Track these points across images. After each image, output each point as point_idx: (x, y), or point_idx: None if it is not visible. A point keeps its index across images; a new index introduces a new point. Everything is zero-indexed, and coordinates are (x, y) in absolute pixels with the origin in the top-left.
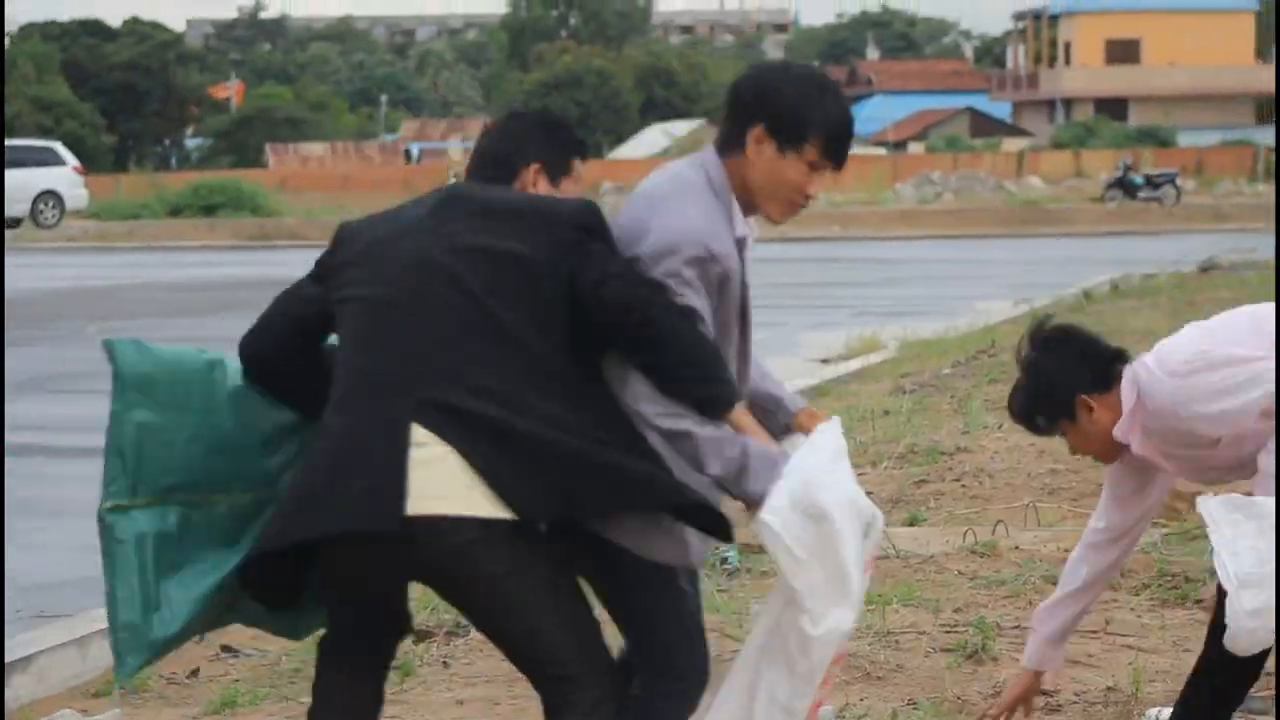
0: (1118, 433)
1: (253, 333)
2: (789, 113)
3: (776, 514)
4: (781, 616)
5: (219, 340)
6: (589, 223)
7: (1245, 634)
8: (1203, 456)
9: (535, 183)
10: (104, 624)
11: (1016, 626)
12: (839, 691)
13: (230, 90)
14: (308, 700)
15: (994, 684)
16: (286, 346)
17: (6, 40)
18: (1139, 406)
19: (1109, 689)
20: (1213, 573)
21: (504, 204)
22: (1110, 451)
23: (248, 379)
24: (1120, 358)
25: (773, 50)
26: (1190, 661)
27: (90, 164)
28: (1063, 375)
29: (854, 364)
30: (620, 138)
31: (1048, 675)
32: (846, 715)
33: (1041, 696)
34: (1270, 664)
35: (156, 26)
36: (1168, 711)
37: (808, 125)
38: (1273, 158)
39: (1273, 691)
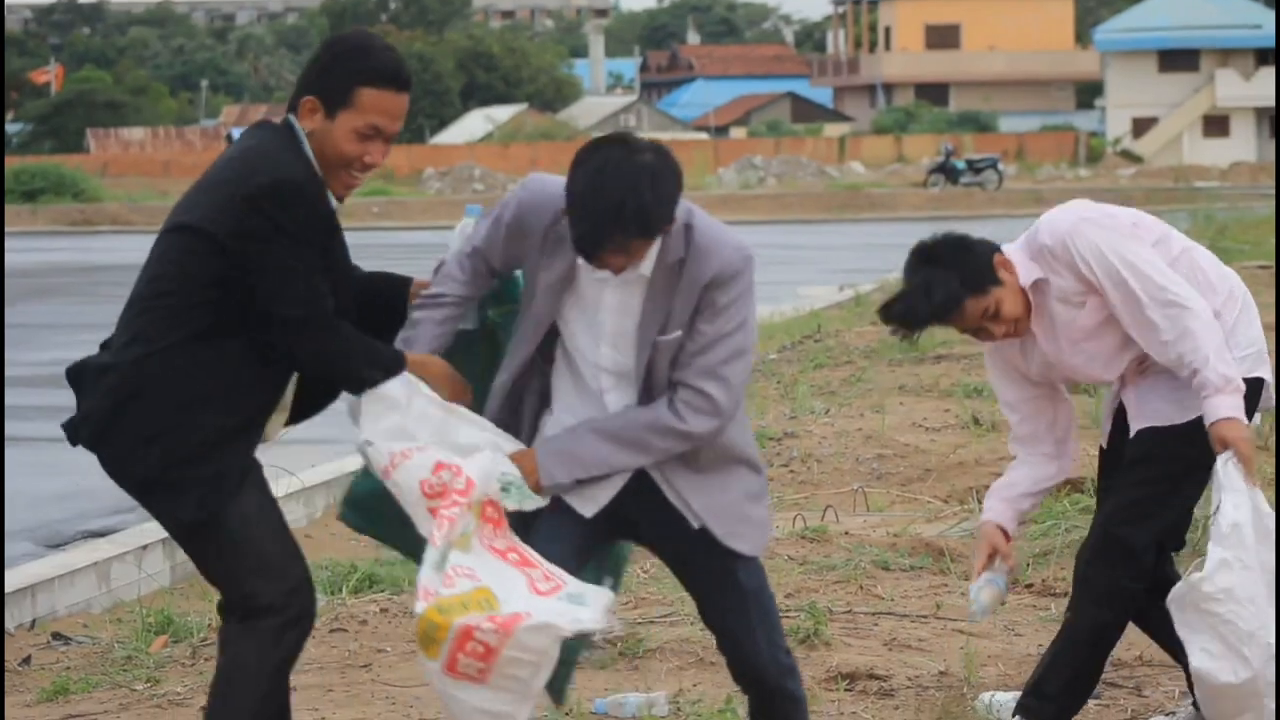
0: (1022, 278)
1: None
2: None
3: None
4: None
5: (38, 326)
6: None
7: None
8: (1067, 334)
9: (310, 116)
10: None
11: (848, 611)
12: (672, 677)
13: (49, 75)
14: (140, 686)
15: (827, 668)
16: None
17: None
18: (1030, 242)
19: (942, 673)
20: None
21: (214, 169)
22: (1026, 313)
23: None
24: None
25: (594, 35)
26: (1021, 645)
27: None
28: (972, 254)
29: None
30: (442, 122)
31: (1009, 528)
32: (681, 701)
33: (874, 681)
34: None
35: None
36: (1001, 695)
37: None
38: (1093, 142)
39: (1103, 676)
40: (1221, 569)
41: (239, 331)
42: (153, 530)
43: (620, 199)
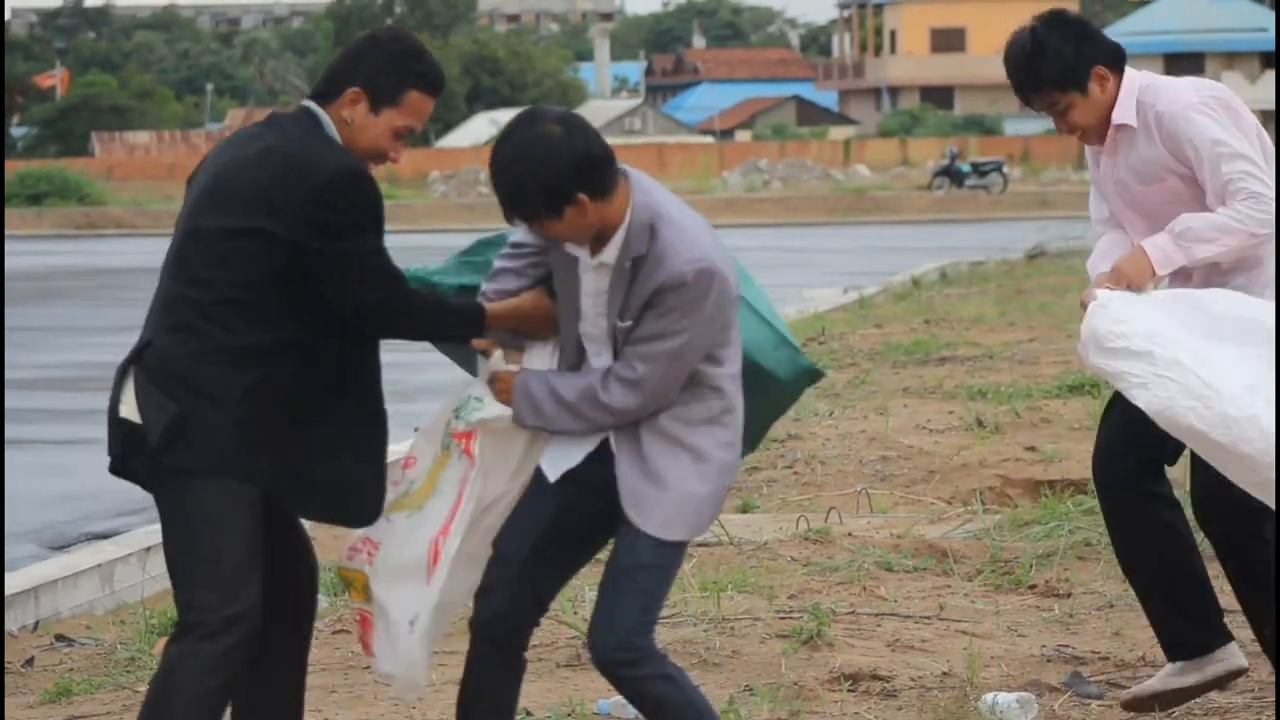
0: (1117, 114)
1: None
2: None
3: None
4: None
5: (43, 329)
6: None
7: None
8: (1121, 188)
9: (351, 106)
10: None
11: (851, 612)
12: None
13: (55, 79)
14: (143, 688)
15: (830, 669)
16: None
17: None
18: (1146, 91)
19: (944, 674)
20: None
21: (243, 166)
22: (1102, 130)
23: None
24: (1121, 48)
25: (599, 39)
26: (1024, 646)
27: None
28: (1084, 45)
29: None
30: (447, 126)
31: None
32: None
33: (877, 682)
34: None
35: None
36: (1004, 695)
37: None
38: None
39: (1106, 677)
40: (1115, 301)
41: (322, 332)
42: (156, 532)
43: (509, 171)
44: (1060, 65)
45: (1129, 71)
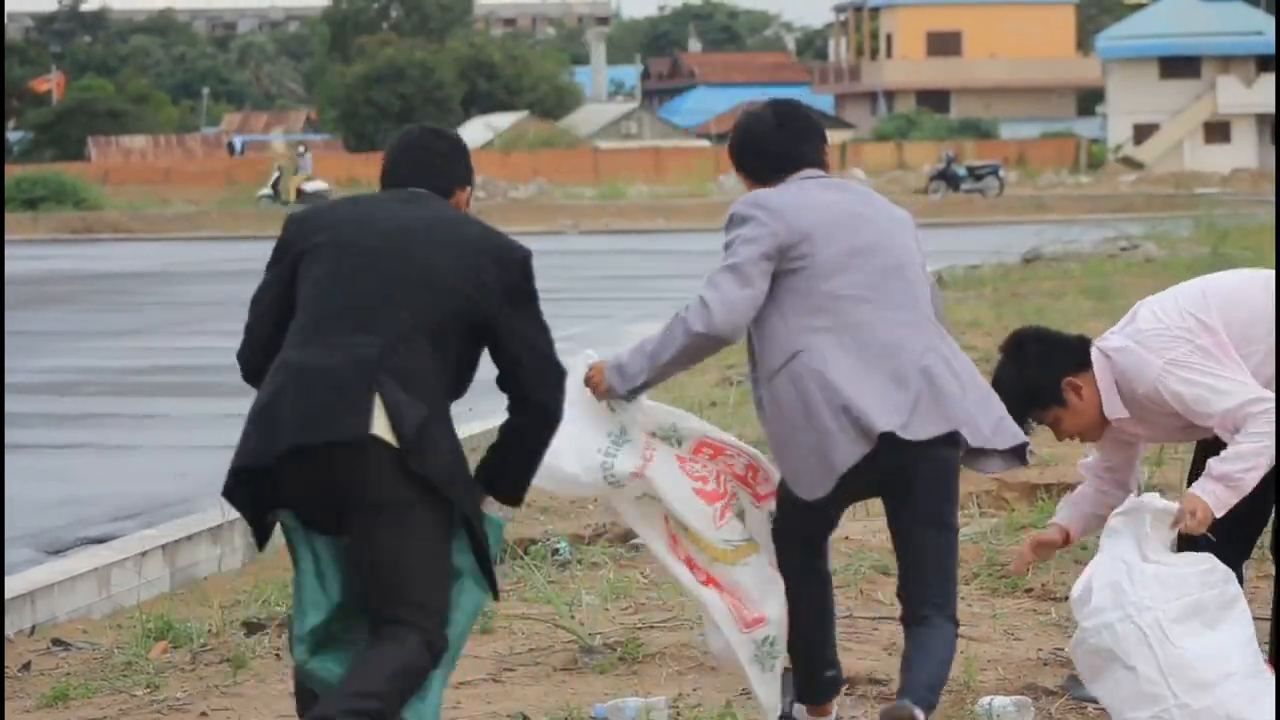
0: (1106, 411)
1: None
2: None
3: None
4: None
5: (39, 334)
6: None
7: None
8: (1168, 421)
9: (467, 204)
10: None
11: (848, 615)
12: (672, 682)
13: (51, 83)
14: (140, 692)
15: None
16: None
17: None
18: (1121, 382)
19: None
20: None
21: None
22: (1100, 428)
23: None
24: (1084, 340)
25: (595, 42)
26: (1020, 650)
27: None
28: (1044, 367)
29: None
30: None
31: (1074, 533)
32: (680, 705)
33: (874, 685)
34: None
35: None
36: (1001, 699)
37: None
38: (1094, 149)
39: None
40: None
41: None
42: (152, 537)
43: None
44: (1028, 393)
45: (1096, 361)
